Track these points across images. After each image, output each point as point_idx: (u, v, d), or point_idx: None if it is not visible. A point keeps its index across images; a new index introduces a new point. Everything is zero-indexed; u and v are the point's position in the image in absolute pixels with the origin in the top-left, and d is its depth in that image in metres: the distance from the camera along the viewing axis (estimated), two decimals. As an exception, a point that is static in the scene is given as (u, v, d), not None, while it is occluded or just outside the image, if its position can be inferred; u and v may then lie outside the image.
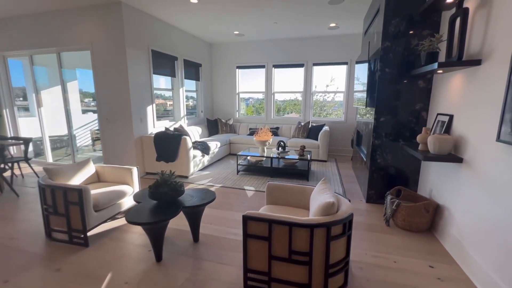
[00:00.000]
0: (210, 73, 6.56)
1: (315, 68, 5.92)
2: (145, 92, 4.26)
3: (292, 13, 4.17)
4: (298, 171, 4.26)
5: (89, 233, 2.32)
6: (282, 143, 4.40)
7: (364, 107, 3.30)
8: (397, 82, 2.85)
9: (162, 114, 5.21)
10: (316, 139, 5.45)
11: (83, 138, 5.40)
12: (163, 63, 4.72)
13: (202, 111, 6.26)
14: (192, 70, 5.79)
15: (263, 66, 6.20)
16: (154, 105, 4.46)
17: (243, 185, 3.82)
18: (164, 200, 2.07)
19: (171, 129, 4.72)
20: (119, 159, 4.22)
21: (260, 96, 6.72)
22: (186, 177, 4.12)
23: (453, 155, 2.15)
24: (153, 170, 4.24)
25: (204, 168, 4.70)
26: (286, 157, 4.19)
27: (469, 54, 2.03)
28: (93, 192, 2.44)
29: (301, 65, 5.95)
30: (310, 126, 5.62)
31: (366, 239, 2.40)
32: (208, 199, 2.22)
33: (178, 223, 2.63)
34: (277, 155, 4.24)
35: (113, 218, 2.67)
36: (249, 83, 6.61)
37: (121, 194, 2.65)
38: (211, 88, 6.63)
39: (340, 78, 5.92)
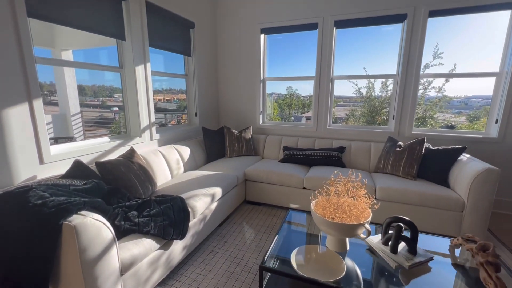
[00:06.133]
0: (214, 43, 3.63)
1: (430, 21, 2.74)
2: (-6, 66, 1.45)
3: None
4: None
5: None
6: (402, 227, 1.36)
7: None
8: None
9: (97, 122, 2.42)
10: (444, 183, 2.31)
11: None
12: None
13: (196, 114, 3.38)
14: (175, 33, 2.91)
15: (314, 26, 3.14)
16: (38, 103, 1.65)
17: None
18: None
19: (93, 164, 1.88)
20: None
21: (285, 88, 3.70)
22: None
23: None
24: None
25: (172, 273, 1.80)
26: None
27: None
28: None
29: (399, 18, 2.80)
30: (423, 149, 2.48)
31: None
32: None
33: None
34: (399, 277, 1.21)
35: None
36: (287, 62, 3.59)
37: None
38: (214, 70, 3.70)
39: (485, 44, 2.69)
